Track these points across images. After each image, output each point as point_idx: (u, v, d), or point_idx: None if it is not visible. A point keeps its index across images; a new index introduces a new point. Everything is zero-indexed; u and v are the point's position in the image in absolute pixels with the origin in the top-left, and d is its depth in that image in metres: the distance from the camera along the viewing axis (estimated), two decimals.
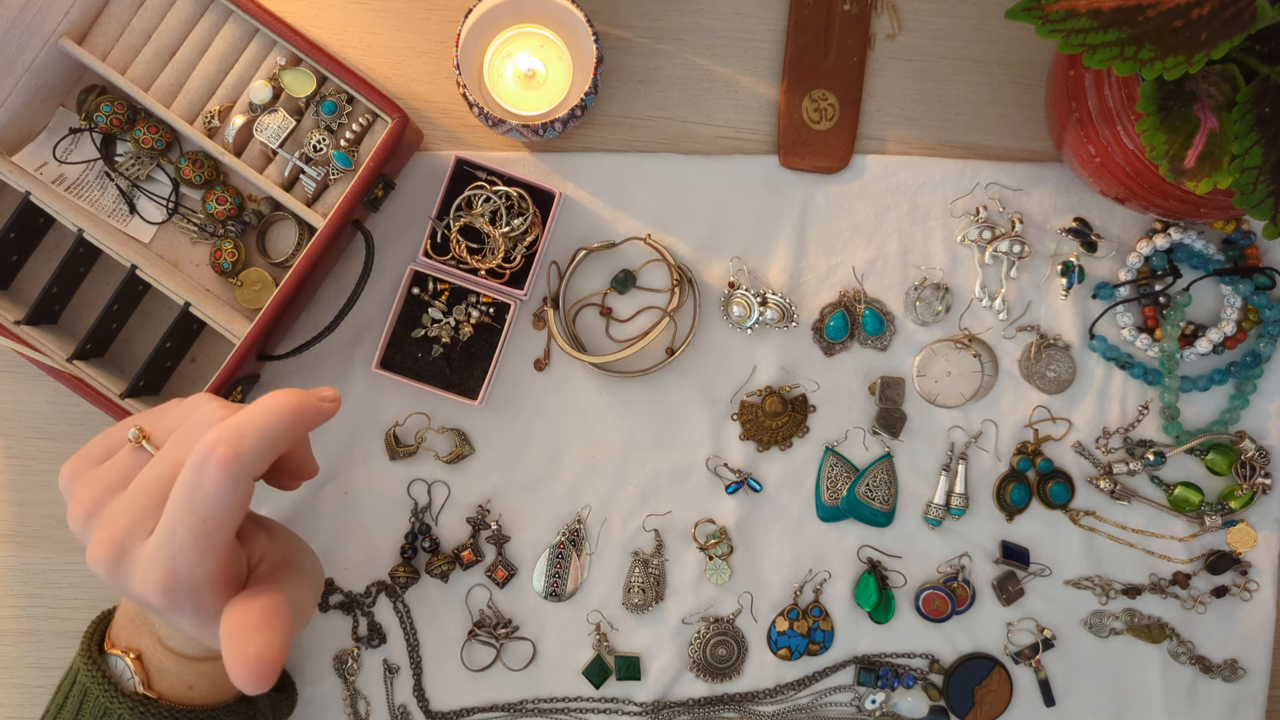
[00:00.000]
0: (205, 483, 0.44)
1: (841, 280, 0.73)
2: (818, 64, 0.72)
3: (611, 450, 0.73)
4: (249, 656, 0.43)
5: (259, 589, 0.47)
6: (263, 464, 0.46)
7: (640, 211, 0.72)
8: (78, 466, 0.49)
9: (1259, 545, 0.72)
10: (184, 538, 0.44)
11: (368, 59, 0.72)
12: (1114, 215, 0.72)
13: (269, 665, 0.44)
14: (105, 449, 0.50)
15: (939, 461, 0.73)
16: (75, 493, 0.48)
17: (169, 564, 0.45)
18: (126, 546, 0.45)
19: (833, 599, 0.73)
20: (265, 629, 0.44)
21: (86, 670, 0.54)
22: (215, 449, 0.44)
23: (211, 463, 0.44)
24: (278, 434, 0.46)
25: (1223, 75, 0.54)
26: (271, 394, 0.48)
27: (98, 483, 0.47)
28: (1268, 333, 0.71)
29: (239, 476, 0.44)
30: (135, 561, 0.45)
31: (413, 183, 0.72)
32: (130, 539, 0.45)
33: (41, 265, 0.71)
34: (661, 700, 0.73)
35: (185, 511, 0.44)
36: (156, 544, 0.45)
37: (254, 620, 0.45)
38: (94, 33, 0.68)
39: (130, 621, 0.55)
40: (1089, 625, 0.73)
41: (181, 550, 0.44)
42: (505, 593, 0.73)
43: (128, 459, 0.48)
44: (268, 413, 0.46)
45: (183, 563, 0.44)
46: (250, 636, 0.44)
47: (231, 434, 0.44)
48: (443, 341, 0.71)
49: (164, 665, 0.55)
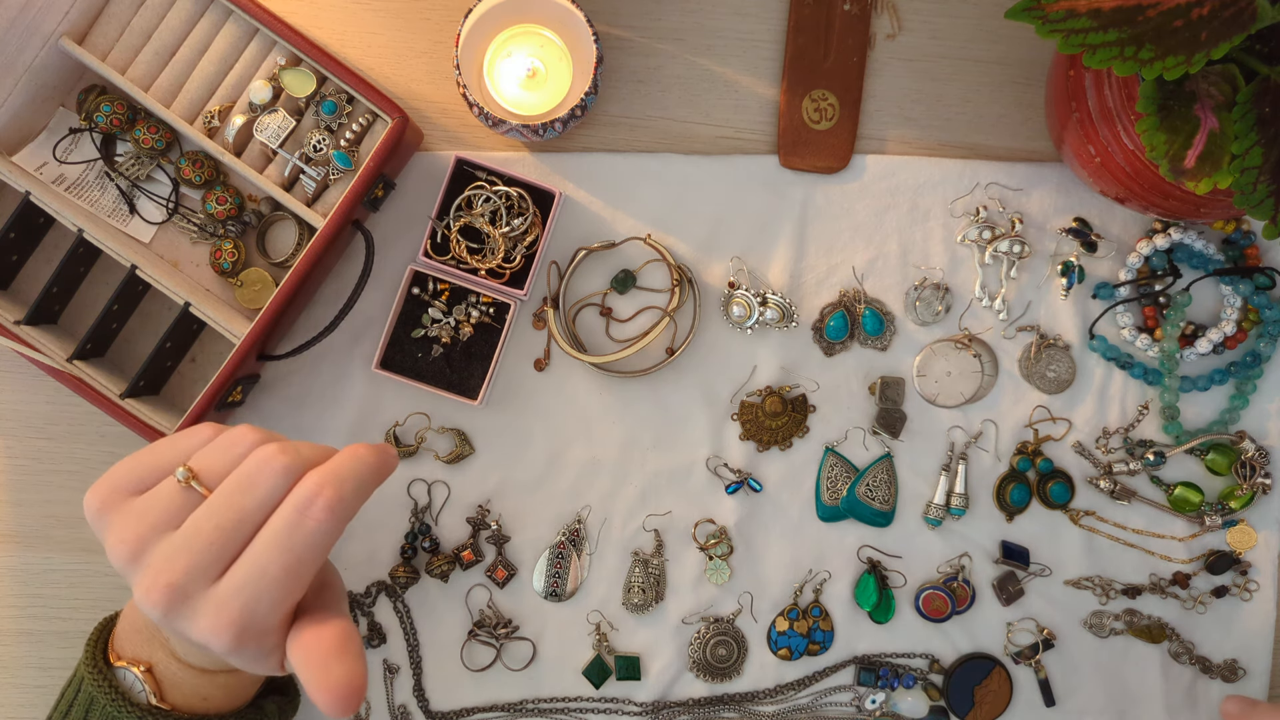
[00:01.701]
0: (309, 524, 0.45)
1: (841, 280, 0.73)
2: (818, 64, 0.72)
3: (611, 450, 0.73)
4: (337, 685, 0.45)
5: (319, 615, 0.48)
6: (356, 510, 0.48)
7: (640, 211, 0.72)
8: (109, 497, 0.47)
9: (1259, 545, 0.72)
10: (275, 577, 0.45)
11: (368, 59, 0.72)
12: (1114, 215, 0.72)
13: (356, 691, 0.45)
14: (137, 479, 0.48)
15: (939, 461, 0.73)
16: (113, 527, 0.47)
17: (247, 607, 0.45)
18: (188, 592, 0.45)
19: (833, 599, 0.73)
20: (345, 656, 0.46)
21: (94, 681, 0.53)
22: (322, 493, 0.45)
23: (318, 506, 0.45)
24: (369, 483, 0.48)
25: (1223, 75, 0.54)
26: (352, 447, 0.49)
27: (140, 520, 0.46)
28: (1268, 333, 0.71)
29: (341, 520, 0.46)
30: (200, 606, 0.46)
31: (413, 183, 0.72)
32: (192, 584, 0.45)
33: (41, 265, 0.71)
34: (661, 700, 0.73)
35: (281, 552, 0.45)
36: (235, 586, 0.45)
37: (331, 649, 0.46)
38: (94, 33, 0.68)
39: (138, 634, 0.55)
40: (1089, 625, 0.73)
41: (268, 590, 0.45)
42: (505, 593, 0.73)
43: (175, 497, 0.47)
44: (358, 460, 0.48)
45: (265, 604, 0.46)
46: (332, 665, 0.45)
47: (334, 479, 0.46)
48: (443, 341, 0.71)
49: (178, 678, 0.54)
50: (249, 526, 0.46)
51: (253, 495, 0.46)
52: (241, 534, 0.46)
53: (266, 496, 0.46)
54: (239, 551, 0.46)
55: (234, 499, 0.46)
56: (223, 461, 0.48)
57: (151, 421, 0.67)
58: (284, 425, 0.72)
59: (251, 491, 0.46)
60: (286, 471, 0.46)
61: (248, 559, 0.45)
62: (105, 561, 0.73)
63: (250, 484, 0.46)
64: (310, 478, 0.46)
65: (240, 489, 0.46)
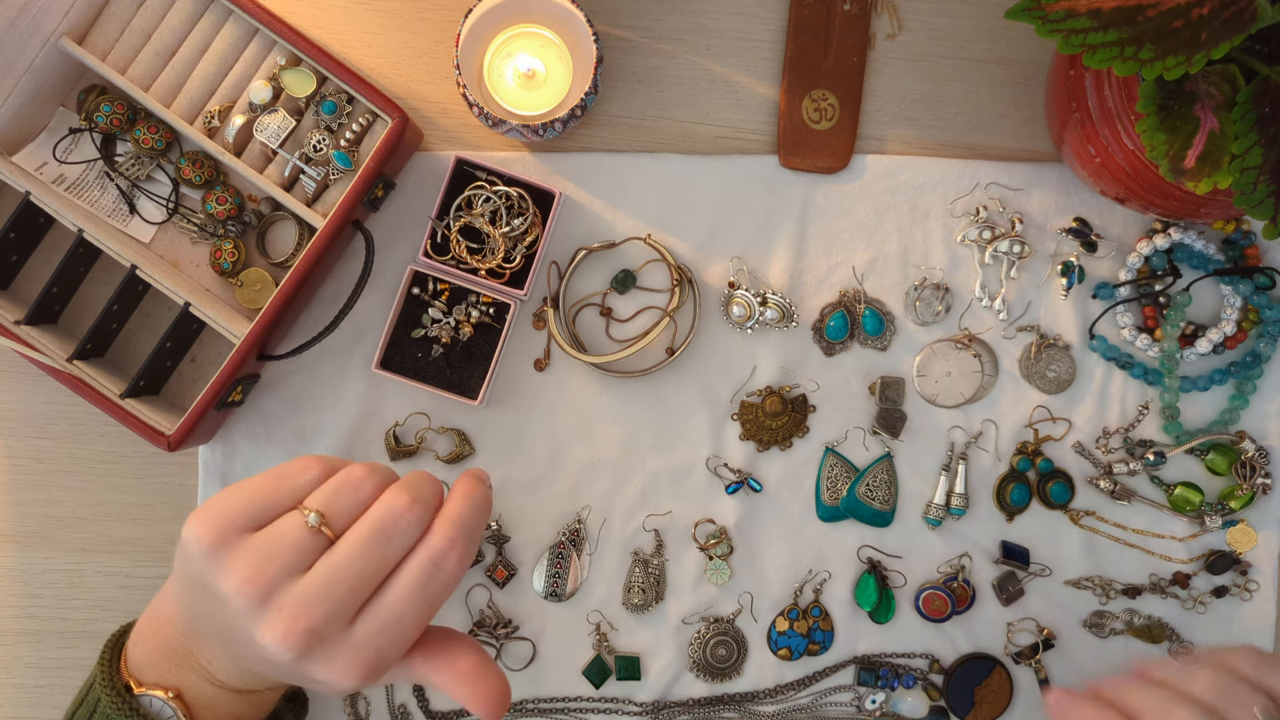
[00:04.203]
0: (443, 577, 0.49)
1: (841, 280, 0.73)
2: (818, 64, 0.72)
3: (611, 450, 0.73)
4: (495, 695, 0.50)
5: (440, 635, 0.52)
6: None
7: (640, 211, 0.72)
8: (224, 534, 0.47)
9: (1259, 545, 0.72)
10: (410, 624, 0.48)
11: (368, 59, 0.72)
12: (1114, 215, 0.72)
13: (508, 696, 0.51)
14: (253, 517, 0.48)
15: (939, 461, 0.73)
16: (235, 567, 0.47)
17: (382, 651, 0.48)
18: (324, 636, 0.47)
19: (833, 599, 0.73)
20: (489, 669, 0.51)
21: (115, 707, 0.53)
22: (455, 547, 0.49)
23: (452, 560, 0.49)
24: (484, 525, 0.52)
25: (1223, 75, 0.54)
26: (466, 486, 0.52)
27: (269, 563, 0.47)
28: (1268, 333, 0.71)
29: (468, 565, 0.50)
30: (335, 651, 0.47)
31: (413, 183, 0.72)
32: (330, 629, 0.47)
33: (41, 265, 0.71)
34: (661, 700, 0.73)
35: (417, 602, 0.48)
36: (372, 632, 0.48)
37: (475, 665, 0.51)
38: (94, 33, 0.68)
39: (164, 659, 0.54)
40: (1089, 625, 0.73)
41: (404, 634, 0.48)
42: (505, 593, 0.73)
43: (304, 540, 0.48)
44: (475, 505, 0.51)
45: (397, 648, 0.49)
46: (485, 681, 0.50)
47: (464, 531, 0.50)
48: (443, 341, 0.71)
49: (213, 700, 0.54)
50: (383, 574, 0.48)
51: (391, 545, 0.48)
52: (376, 581, 0.48)
53: (402, 545, 0.49)
54: (371, 596, 0.48)
55: (373, 548, 0.48)
56: (348, 506, 0.49)
57: (151, 421, 0.67)
58: (284, 425, 0.72)
59: (389, 541, 0.48)
60: (420, 522, 0.49)
61: (384, 607, 0.48)
62: (105, 561, 0.74)
63: (387, 534, 0.48)
64: (441, 529, 0.49)
65: (378, 538, 0.48)
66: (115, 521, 0.74)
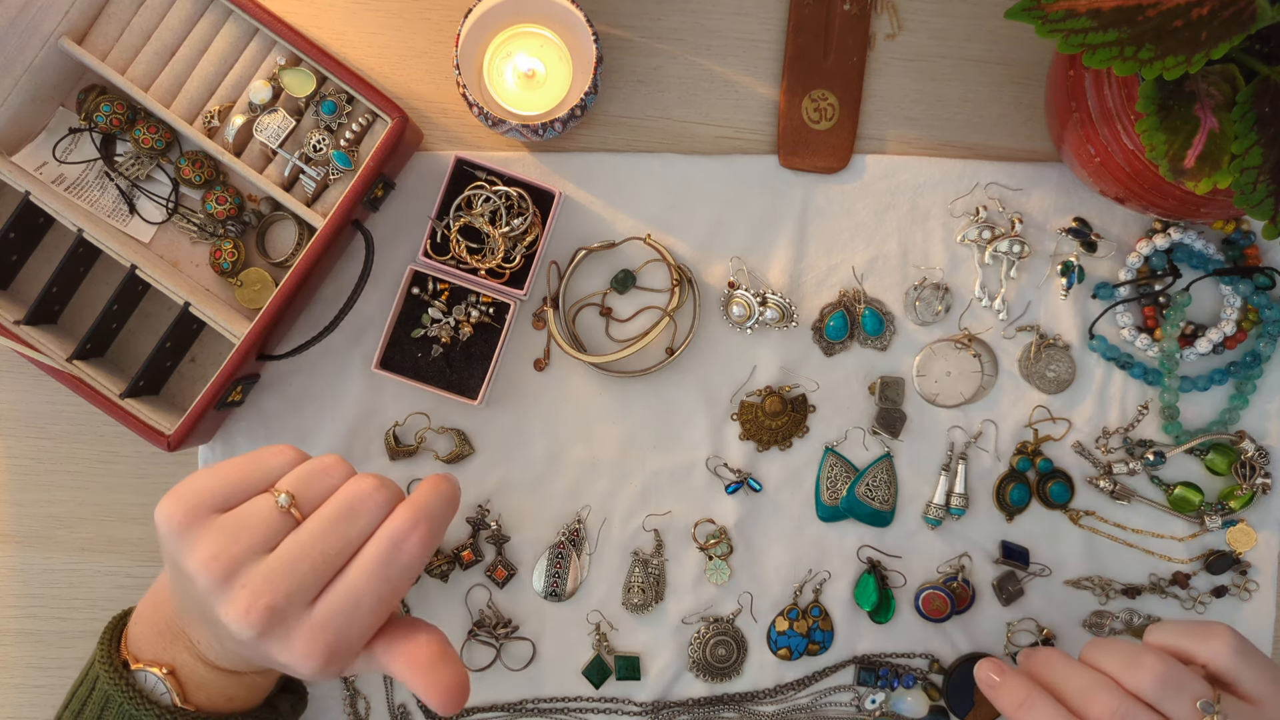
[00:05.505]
0: (403, 558, 0.49)
1: (841, 280, 0.73)
2: (818, 64, 0.72)
3: (611, 450, 0.73)
4: (449, 686, 0.49)
5: (406, 627, 0.51)
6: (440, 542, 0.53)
7: (640, 211, 0.72)
8: (193, 512, 0.48)
9: (1259, 545, 0.72)
10: (370, 605, 0.48)
11: (368, 59, 0.72)
12: (1114, 215, 0.72)
13: (465, 688, 0.50)
14: (223, 497, 0.49)
15: (939, 461, 0.73)
16: (202, 544, 0.47)
17: (341, 632, 0.48)
18: (286, 615, 0.47)
19: (833, 599, 0.73)
20: (447, 659, 0.50)
21: (112, 681, 0.53)
22: (416, 529, 0.49)
23: (413, 541, 0.49)
24: (449, 517, 0.52)
25: (1223, 75, 0.54)
26: (433, 479, 0.52)
27: (234, 540, 0.47)
28: (1268, 333, 0.71)
29: (430, 553, 0.50)
30: (295, 629, 0.47)
31: (413, 183, 0.72)
32: (291, 608, 0.47)
33: (41, 265, 0.71)
34: (661, 700, 0.73)
35: (378, 582, 0.48)
36: (331, 612, 0.48)
37: (434, 656, 0.50)
38: (94, 33, 0.68)
39: (159, 637, 0.55)
40: (1089, 625, 0.73)
41: (362, 618, 0.48)
42: (505, 593, 0.73)
43: (272, 520, 0.48)
44: (441, 495, 0.51)
45: (357, 630, 0.48)
46: (440, 670, 0.49)
47: (426, 514, 0.50)
48: (443, 341, 0.71)
49: (204, 679, 0.55)
50: (347, 555, 0.48)
51: (355, 525, 0.49)
52: (339, 561, 0.48)
53: (367, 527, 0.49)
54: (333, 577, 0.48)
55: (337, 527, 0.48)
56: (318, 489, 0.50)
57: (151, 421, 0.67)
58: (284, 425, 0.72)
59: (354, 521, 0.49)
60: (387, 505, 0.50)
61: (344, 587, 0.48)
62: (105, 561, 0.74)
63: (353, 514, 0.49)
64: (403, 512, 0.49)
65: (343, 518, 0.49)
66: (115, 521, 0.74)
